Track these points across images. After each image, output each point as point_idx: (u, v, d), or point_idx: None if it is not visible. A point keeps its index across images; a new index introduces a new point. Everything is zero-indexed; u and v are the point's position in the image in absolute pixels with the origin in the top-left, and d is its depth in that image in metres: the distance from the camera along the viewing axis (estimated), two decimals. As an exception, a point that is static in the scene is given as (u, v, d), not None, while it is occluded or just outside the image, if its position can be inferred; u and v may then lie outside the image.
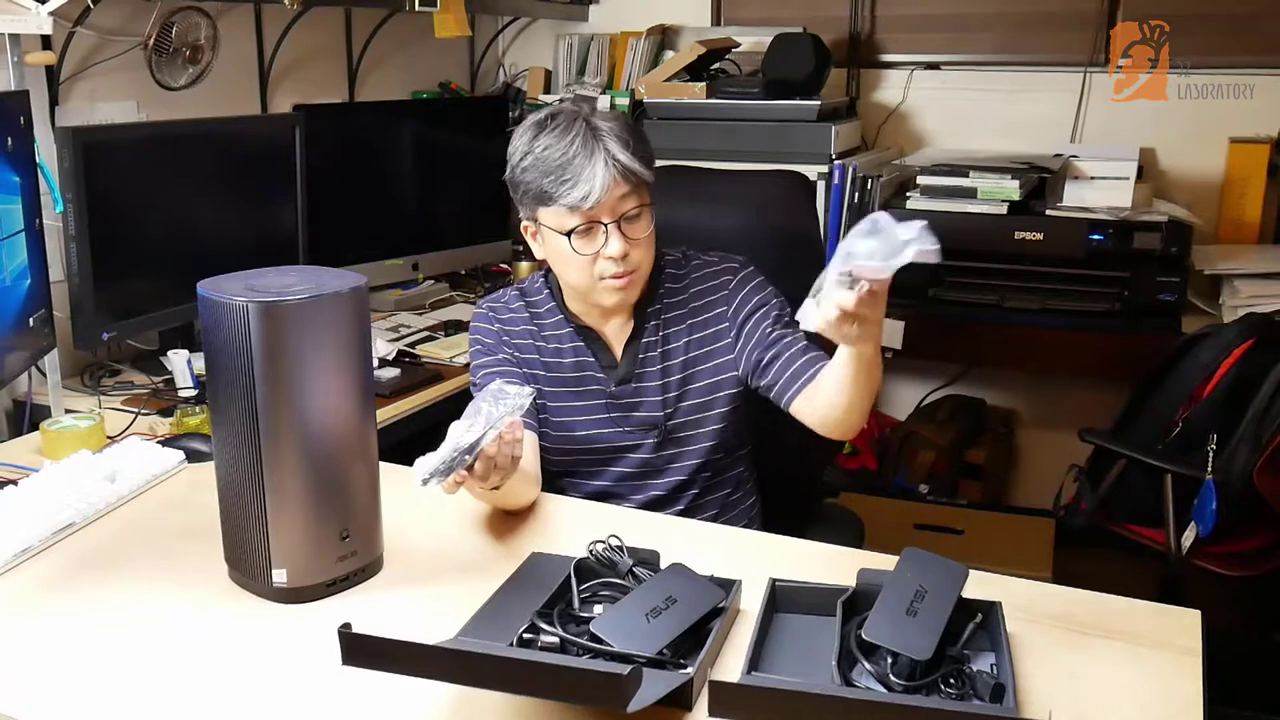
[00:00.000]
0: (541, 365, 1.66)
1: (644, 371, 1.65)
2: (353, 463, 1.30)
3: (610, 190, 1.48)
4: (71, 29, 2.13)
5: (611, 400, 1.65)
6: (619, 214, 1.51)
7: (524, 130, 1.56)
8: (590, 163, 1.48)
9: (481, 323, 1.70)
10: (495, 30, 3.52)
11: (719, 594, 1.22)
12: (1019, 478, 3.18)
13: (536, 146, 1.52)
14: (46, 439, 1.74)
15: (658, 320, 1.65)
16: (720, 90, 2.90)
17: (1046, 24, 2.94)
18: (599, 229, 1.51)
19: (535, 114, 1.57)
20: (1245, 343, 2.22)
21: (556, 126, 1.51)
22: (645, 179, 1.53)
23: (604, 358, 1.66)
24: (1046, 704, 1.10)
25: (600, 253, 1.52)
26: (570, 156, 1.49)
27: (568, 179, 1.48)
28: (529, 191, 1.54)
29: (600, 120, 1.52)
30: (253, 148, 2.35)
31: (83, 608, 1.28)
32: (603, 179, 1.48)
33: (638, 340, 1.65)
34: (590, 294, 1.58)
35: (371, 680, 1.02)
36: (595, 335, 1.66)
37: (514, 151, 1.56)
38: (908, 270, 1.14)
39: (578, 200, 1.48)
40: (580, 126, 1.51)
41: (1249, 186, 2.74)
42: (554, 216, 1.53)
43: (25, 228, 1.76)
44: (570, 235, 1.52)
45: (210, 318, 1.23)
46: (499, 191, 3.05)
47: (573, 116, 1.53)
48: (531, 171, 1.52)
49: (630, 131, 1.53)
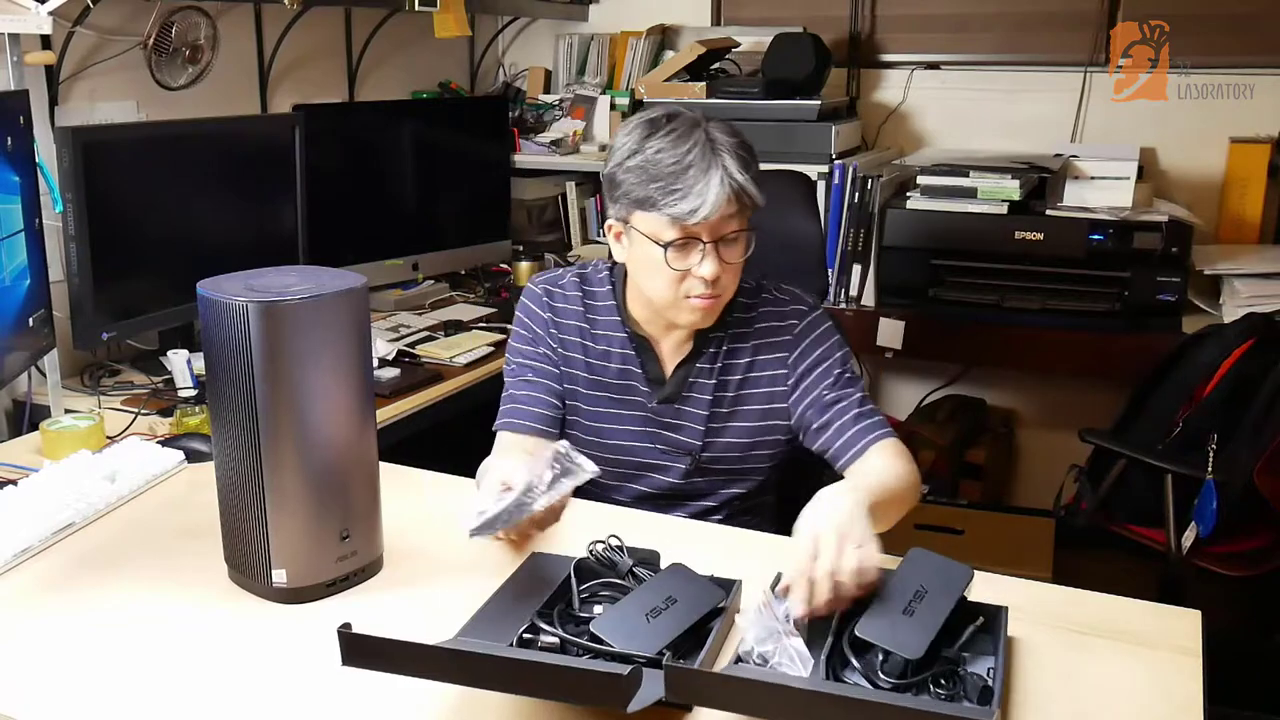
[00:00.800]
0: (584, 365, 1.61)
1: (690, 395, 1.59)
2: (353, 463, 1.30)
3: (720, 209, 1.41)
4: (71, 29, 2.13)
5: (650, 416, 1.61)
6: (719, 234, 1.44)
7: (634, 127, 1.48)
8: (705, 177, 1.40)
9: (533, 303, 1.63)
10: (495, 30, 3.52)
11: (719, 594, 1.22)
12: (1019, 478, 3.18)
13: (648, 148, 1.43)
14: (46, 439, 1.74)
15: (718, 348, 1.59)
16: (720, 90, 2.91)
17: (1046, 24, 2.94)
18: (696, 246, 1.44)
19: (646, 112, 1.49)
20: (1245, 343, 2.22)
21: (673, 131, 1.44)
22: (757, 203, 1.45)
23: (652, 371, 1.60)
24: (1046, 704, 1.10)
25: (691, 270, 1.45)
26: (685, 166, 1.41)
27: (678, 189, 1.40)
28: (629, 193, 1.45)
29: (719, 133, 1.44)
30: (253, 148, 2.35)
31: (83, 608, 1.28)
32: (716, 196, 1.40)
33: (692, 363, 1.59)
34: (668, 309, 1.51)
35: (371, 680, 1.02)
36: (649, 346, 1.60)
37: (619, 148, 1.47)
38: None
39: (684, 213, 1.40)
40: (700, 136, 1.42)
41: (1249, 186, 2.74)
42: (652, 224, 1.45)
43: (25, 228, 1.76)
44: (667, 248, 1.44)
45: (210, 318, 1.23)
46: (499, 191, 3.10)
47: (692, 124, 1.45)
48: (638, 173, 1.44)
49: (747, 150, 1.46)
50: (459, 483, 1.68)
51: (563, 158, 3.15)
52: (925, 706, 1.02)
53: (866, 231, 2.71)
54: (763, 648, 1.09)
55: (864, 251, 2.72)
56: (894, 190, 2.78)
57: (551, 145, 3.17)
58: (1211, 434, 2.14)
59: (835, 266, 2.74)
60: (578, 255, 3.19)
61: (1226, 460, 2.13)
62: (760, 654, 1.09)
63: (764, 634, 1.10)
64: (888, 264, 2.70)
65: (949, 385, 3.20)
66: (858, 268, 2.74)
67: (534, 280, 1.66)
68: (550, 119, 3.30)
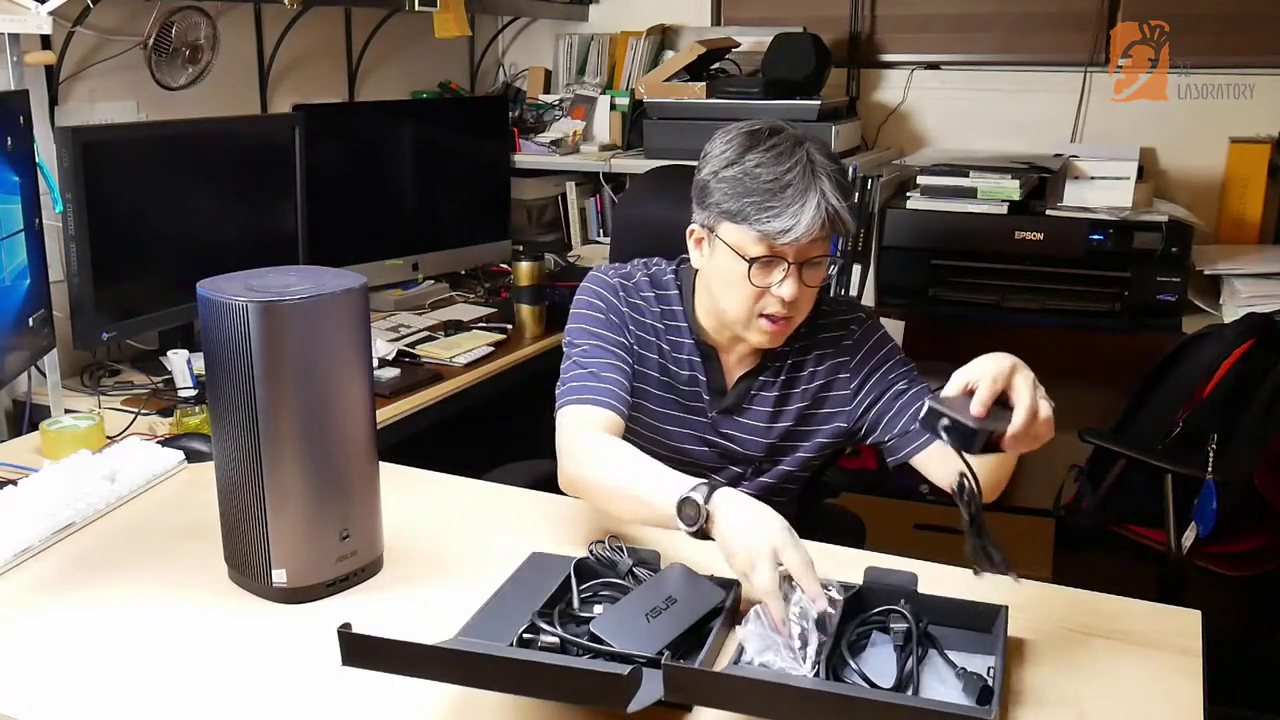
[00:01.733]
0: (658, 366, 1.59)
1: (750, 408, 1.60)
2: (353, 463, 1.30)
3: (812, 232, 1.39)
4: (71, 29, 2.13)
5: (710, 424, 1.61)
6: (804, 257, 1.43)
7: (733, 137, 1.46)
8: (803, 198, 1.39)
9: (608, 294, 1.59)
10: (495, 30, 3.52)
11: (719, 594, 1.22)
12: (1019, 478, 3.15)
13: (748, 160, 1.42)
14: (46, 439, 1.73)
15: (783, 361, 1.59)
16: (720, 90, 2.91)
17: (1046, 24, 2.94)
18: (779, 265, 1.43)
19: (748, 123, 1.48)
20: (1245, 343, 2.22)
21: (775, 147, 1.42)
22: (849, 229, 1.45)
23: (715, 380, 1.60)
24: (1046, 704, 1.10)
25: (771, 289, 1.44)
26: (783, 185, 1.39)
27: (773, 207, 1.39)
28: (721, 203, 1.44)
29: (819, 155, 1.43)
30: (253, 148, 2.35)
31: (83, 608, 1.28)
32: (810, 218, 1.38)
33: (755, 376, 1.59)
34: (738, 325, 1.49)
35: (371, 680, 1.02)
36: (714, 355, 1.59)
37: (715, 156, 1.46)
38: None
39: (775, 231, 1.39)
40: (802, 156, 1.41)
41: (1249, 186, 2.74)
42: (739, 237, 1.43)
43: (25, 228, 1.76)
44: (752, 263, 1.42)
45: (210, 318, 1.23)
46: (499, 191, 3.10)
47: (795, 142, 1.43)
48: (733, 184, 1.42)
49: (844, 176, 1.45)
50: (459, 483, 1.68)
51: (563, 158, 3.15)
52: (925, 705, 1.03)
53: (866, 231, 2.71)
54: (762, 658, 1.09)
55: (864, 251, 2.72)
56: (894, 190, 2.78)
57: (551, 145, 3.17)
58: (1211, 434, 2.14)
59: (835, 267, 2.74)
60: (578, 255, 3.19)
61: (1226, 460, 2.13)
62: (761, 664, 1.09)
63: (763, 645, 1.10)
64: (888, 264, 2.69)
65: (949, 385, 3.20)
66: (858, 268, 2.73)
67: (603, 269, 1.63)
68: (550, 119, 3.30)
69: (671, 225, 1.63)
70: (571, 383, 1.51)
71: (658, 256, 1.67)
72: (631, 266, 1.64)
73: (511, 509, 1.59)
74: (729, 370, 1.61)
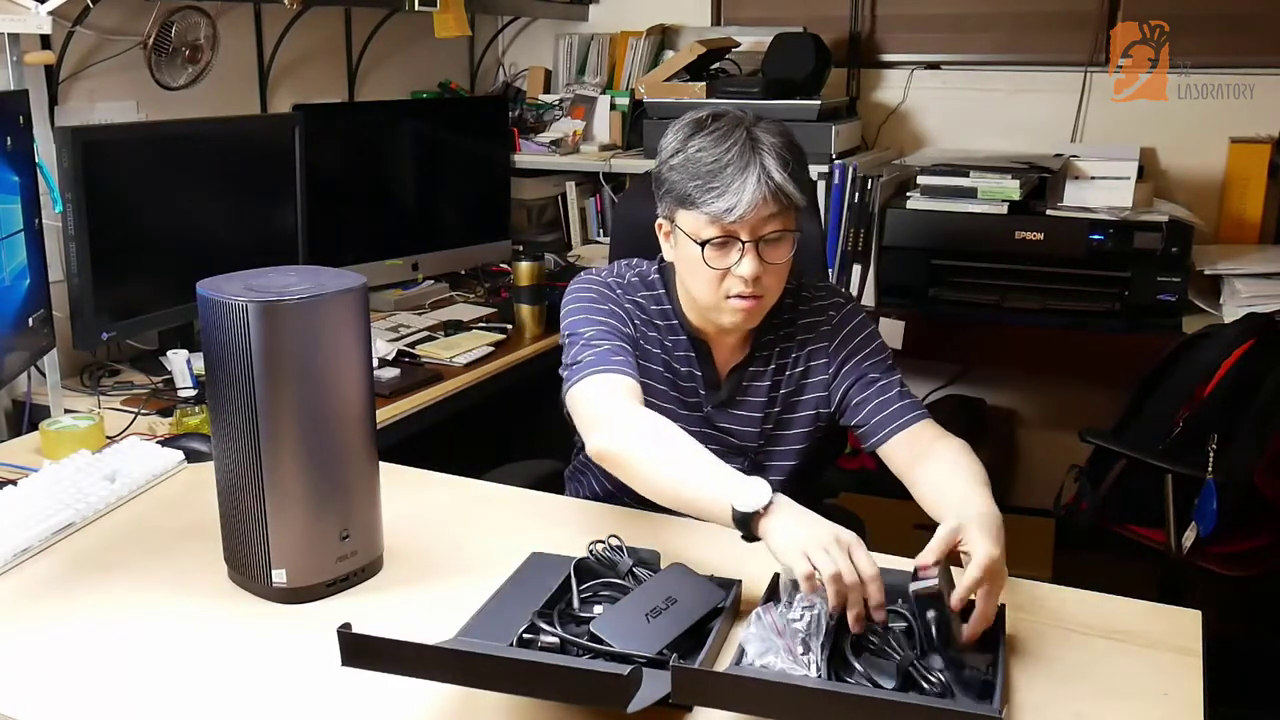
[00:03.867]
0: (661, 362, 1.59)
1: (744, 399, 1.61)
2: (353, 463, 1.30)
3: (757, 208, 1.40)
4: (71, 28, 2.13)
5: (706, 418, 1.61)
6: (759, 234, 1.43)
7: (680, 127, 1.48)
8: (742, 175, 1.40)
9: (605, 291, 1.58)
10: (495, 30, 3.52)
11: (719, 594, 1.22)
12: (1019, 478, 3.18)
13: (690, 147, 1.44)
14: (46, 439, 1.73)
15: (771, 350, 1.60)
16: (720, 90, 2.90)
17: (1046, 24, 2.94)
18: (735, 245, 1.44)
19: (695, 112, 1.49)
20: (1246, 343, 2.22)
21: (716, 130, 1.44)
22: (796, 202, 1.44)
23: (708, 374, 1.60)
24: (1046, 704, 1.10)
25: (731, 270, 1.45)
26: (723, 165, 1.41)
27: (715, 187, 1.41)
28: (672, 191, 1.46)
29: (763, 132, 1.44)
30: (253, 148, 2.35)
31: (83, 608, 1.28)
32: (751, 194, 1.39)
33: (746, 367, 1.60)
34: (710, 310, 1.51)
35: (371, 680, 1.02)
36: (707, 350, 1.60)
37: (664, 147, 1.49)
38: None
39: (720, 211, 1.40)
40: (740, 135, 1.43)
41: (1249, 186, 2.74)
42: (692, 222, 1.45)
43: (24, 227, 1.76)
44: (705, 245, 1.44)
45: (210, 318, 1.23)
46: (499, 191, 3.09)
47: (735, 123, 1.45)
48: (679, 171, 1.45)
49: (791, 150, 1.45)
50: (459, 483, 1.68)
51: (563, 158, 3.15)
52: (931, 704, 1.03)
53: (866, 231, 2.71)
54: (763, 660, 1.09)
55: (864, 251, 2.72)
56: (894, 190, 2.78)
57: (551, 145, 3.17)
58: (1212, 434, 2.14)
59: (835, 266, 2.74)
60: (577, 255, 3.19)
61: (1227, 460, 2.12)
62: (761, 666, 1.09)
63: (764, 647, 1.10)
64: (888, 264, 2.69)
65: (949, 385, 3.20)
66: (858, 268, 2.73)
67: (591, 273, 1.62)
68: (550, 119, 3.30)
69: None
70: (586, 358, 1.48)
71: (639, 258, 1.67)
72: (616, 269, 1.64)
73: (511, 509, 1.59)
74: (722, 363, 1.62)
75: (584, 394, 1.45)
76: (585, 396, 1.45)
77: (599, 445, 1.39)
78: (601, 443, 1.39)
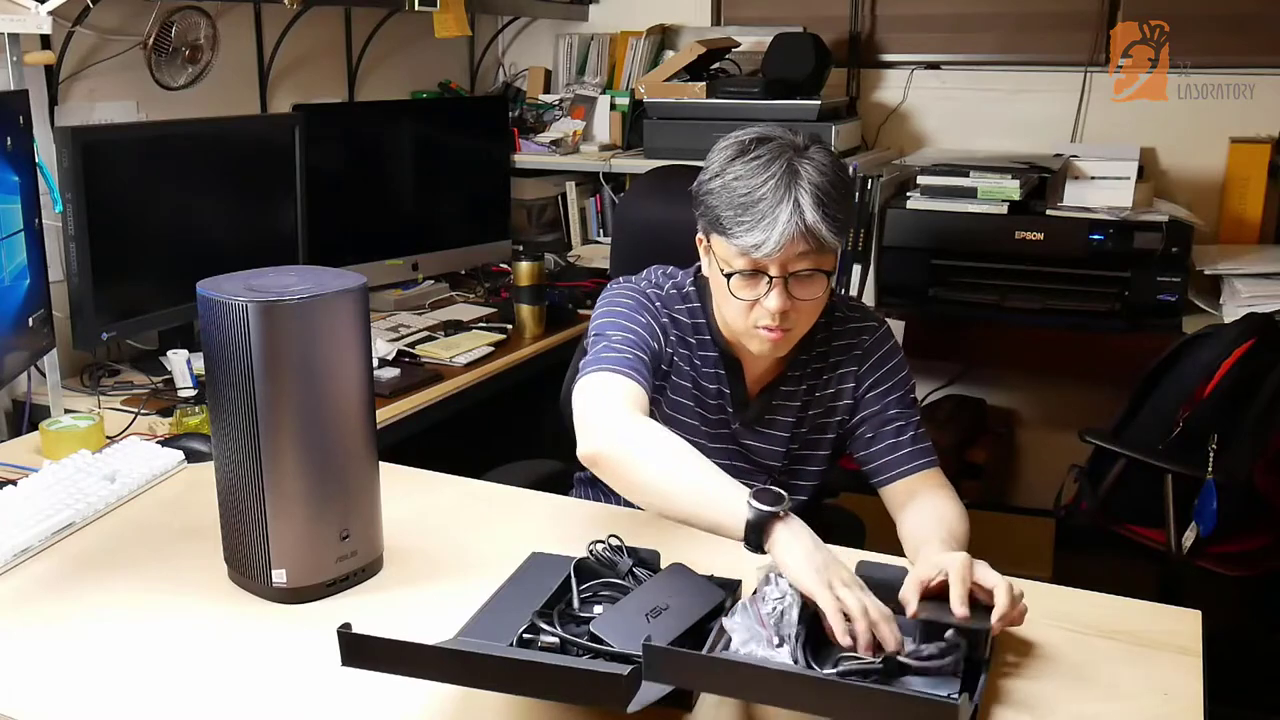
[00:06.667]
0: (690, 378, 1.57)
1: (773, 419, 1.59)
2: (353, 463, 1.30)
3: (785, 247, 1.35)
4: (71, 28, 2.13)
5: (733, 435, 1.60)
6: (789, 270, 1.38)
7: (724, 147, 1.43)
8: (774, 211, 1.34)
9: (647, 301, 1.54)
10: (495, 30, 3.52)
11: (719, 594, 1.22)
12: (1019, 478, 3.18)
13: (729, 172, 1.39)
14: (46, 439, 1.73)
15: (803, 370, 1.58)
16: (720, 90, 2.90)
17: (1046, 24, 2.94)
18: (763, 278, 1.39)
19: (744, 131, 1.43)
20: (1246, 343, 2.22)
21: (758, 158, 1.38)
22: (829, 245, 1.38)
23: (738, 392, 1.58)
24: (1046, 704, 1.10)
25: (760, 301, 1.41)
26: (756, 198, 1.35)
27: (746, 221, 1.36)
28: (706, 214, 1.43)
29: (807, 164, 1.37)
30: (252, 148, 2.35)
31: (82, 608, 1.28)
32: (781, 233, 1.34)
33: (777, 387, 1.58)
34: (740, 334, 1.48)
35: (371, 680, 1.02)
36: (739, 367, 1.57)
37: (708, 166, 1.43)
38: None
39: (749, 246, 1.36)
40: (781, 167, 1.36)
41: (1249, 186, 2.74)
42: (723, 250, 1.41)
43: (24, 227, 1.76)
44: (731, 277, 1.41)
45: (210, 318, 1.23)
46: (499, 191, 3.09)
47: (779, 151, 1.38)
48: (715, 196, 1.40)
49: (834, 186, 1.38)
50: (459, 483, 1.68)
51: (563, 158, 3.15)
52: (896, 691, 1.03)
53: (866, 231, 2.71)
54: (746, 649, 1.10)
55: (864, 251, 2.72)
56: (894, 190, 2.78)
57: (551, 145, 3.17)
58: (1212, 434, 2.14)
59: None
60: (577, 255, 3.19)
61: (1227, 460, 2.12)
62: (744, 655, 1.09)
63: (747, 635, 1.11)
64: (888, 264, 2.69)
65: (949, 385, 3.20)
66: (858, 268, 2.73)
67: (631, 281, 1.58)
68: (550, 119, 3.30)
69: (671, 225, 1.63)
70: (602, 354, 1.45)
71: (661, 260, 1.65)
72: (654, 277, 1.60)
73: (511, 509, 1.59)
74: (753, 381, 1.59)
75: (584, 389, 1.42)
76: (583, 392, 1.42)
77: (591, 448, 1.35)
78: (593, 449, 1.35)
